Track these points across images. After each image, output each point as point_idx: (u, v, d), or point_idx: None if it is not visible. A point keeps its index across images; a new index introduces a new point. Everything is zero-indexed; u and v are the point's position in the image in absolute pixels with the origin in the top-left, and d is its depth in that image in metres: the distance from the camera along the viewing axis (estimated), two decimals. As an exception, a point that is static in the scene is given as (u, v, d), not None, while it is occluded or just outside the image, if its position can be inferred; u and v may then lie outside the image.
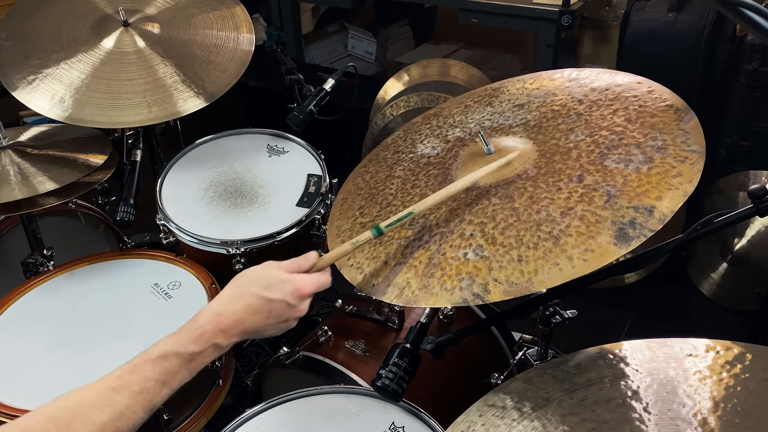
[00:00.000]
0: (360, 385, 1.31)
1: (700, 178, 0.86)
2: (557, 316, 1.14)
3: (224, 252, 1.51)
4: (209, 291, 1.43)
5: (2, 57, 1.63)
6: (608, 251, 0.81)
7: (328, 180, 1.65)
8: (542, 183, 0.93)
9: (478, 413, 0.82)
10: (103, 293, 1.45)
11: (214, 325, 0.93)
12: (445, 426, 0.88)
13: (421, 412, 1.12)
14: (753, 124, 2.25)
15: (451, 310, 1.49)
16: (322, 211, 1.58)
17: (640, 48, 2.27)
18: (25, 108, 1.56)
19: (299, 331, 1.59)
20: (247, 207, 1.60)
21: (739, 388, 0.77)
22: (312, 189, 1.63)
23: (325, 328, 1.46)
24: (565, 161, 0.95)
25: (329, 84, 1.80)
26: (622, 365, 0.84)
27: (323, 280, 1.00)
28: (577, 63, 2.77)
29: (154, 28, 1.75)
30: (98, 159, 1.53)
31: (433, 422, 1.10)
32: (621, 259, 0.87)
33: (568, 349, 1.00)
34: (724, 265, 2.30)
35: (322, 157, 1.71)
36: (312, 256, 1.02)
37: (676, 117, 0.95)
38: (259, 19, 3.58)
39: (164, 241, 1.58)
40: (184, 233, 1.54)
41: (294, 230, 1.54)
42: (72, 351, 1.31)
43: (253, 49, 1.75)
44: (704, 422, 0.74)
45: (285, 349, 1.42)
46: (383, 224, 0.98)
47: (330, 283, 1.01)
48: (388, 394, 1.03)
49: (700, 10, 2.19)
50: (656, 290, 2.40)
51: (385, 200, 1.10)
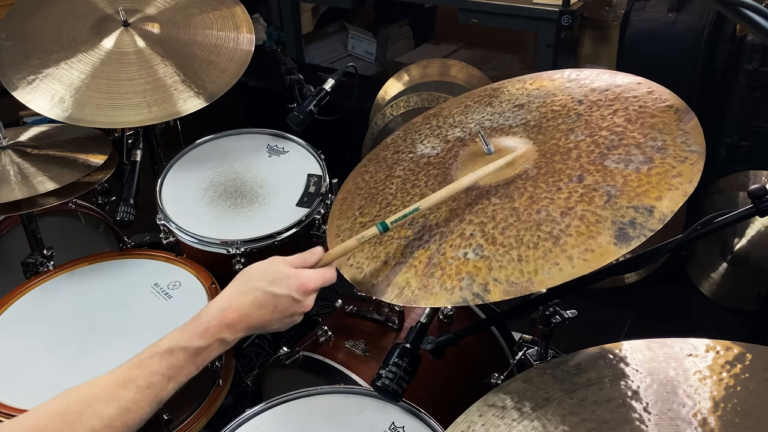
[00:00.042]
0: (360, 385, 1.31)
1: (700, 178, 0.86)
2: (557, 316, 1.14)
3: (224, 252, 1.51)
4: (209, 291, 1.43)
5: (2, 57, 1.63)
6: (608, 251, 0.82)
7: (328, 180, 1.65)
8: (542, 183, 0.93)
9: (478, 413, 0.82)
10: (103, 293, 1.45)
11: (220, 320, 0.93)
12: (445, 426, 0.88)
13: (421, 412, 1.11)
14: (753, 124, 2.25)
15: (451, 310, 1.48)
16: (322, 211, 1.58)
17: (640, 48, 2.27)
18: (25, 108, 1.56)
19: (299, 331, 1.59)
20: (247, 207, 1.60)
21: (739, 388, 0.77)
22: (312, 189, 1.63)
23: (325, 328, 1.46)
24: (565, 161, 0.95)
25: (329, 84, 1.80)
26: (622, 365, 0.84)
27: (329, 275, 1.01)
28: (577, 63, 2.77)
29: (154, 28, 1.75)
30: (98, 159, 1.53)
31: (433, 422, 1.10)
32: (621, 259, 0.87)
33: (568, 349, 1.00)
34: (724, 265, 2.30)
35: (322, 157, 1.71)
36: (318, 252, 1.02)
37: (676, 117, 0.95)
38: (259, 19, 3.57)
39: (164, 241, 1.58)
40: (184, 233, 1.54)
41: (294, 230, 1.54)
42: (72, 351, 1.31)
43: (253, 49, 1.75)
44: (704, 422, 0.74)
45: (285, 349, 1.42)
46: (389, 220, 0.98)
47: (335, 278, 1.01)
48: (388, 394, 1.03)
49: (700, 10, 2.19)
50: (656, 290, 2.40)
51: (385, 200, 1.10)
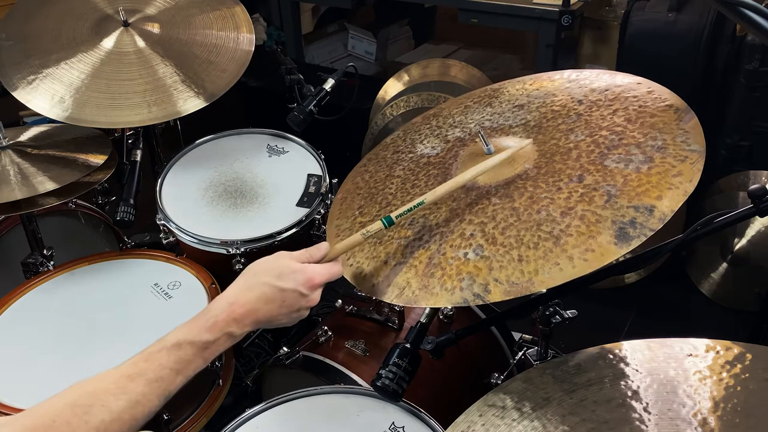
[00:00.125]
0: (360, 385, 1.31)
1: (700, 177, 0.86)
2: (557, 316, 1.13)
3: (224, 252, 1.51)
4: (209, 291, 1.43)
5: (2, 57, 1.63)
6: (608, 251, 0.81)
7: (328, 180, 1.65)
8: (542, 183, 0.93)
9: (478, 413, 0.82)
10: (103, 293, 1.45)
11: (227, 314, 0.93)
12: (445, 426, 0.88)
13: (421, 412, 1.11)
14: (753, 124, 2.25)
15: (451, 310, 1.48)
16: (322, 211, 1.58)
17: (640, 48, 2.27)
18: (25, 108, 1.56)
19: (299, 331, 1.59)
20: (247, 207, 1.60)
21: (739, 388, 0.77)
22: (312, 189, 1.63)
23: (325, 328, 1.45)
24: (565, 161, 0.95)
25: (329, 84, 1.80)
26: (622, 365, 0.84)
27: (335, 270, 1.01)
28: (577, 63, 2.77)
29: (154, 28, 1.75)
30: (98, 159, 1.53)
31: (433, 422, 1.10)
32: (621, 259, 0.87)
33: (568, 349, 1.00)
34: (724, 265, 2.30)
35: (322, 157, 1.71)
36: (323, 247, 1.03)
37: (676, 117, 0.95)
38: (259, 19, 3.57)
39: (164, 241, 1.58)
40: (184, 233, 1.54)
41: (294, 230, 1.54)
42: (72, 351, 1.31)
43: (253, 49, 1.75)
44: (704, 422, 0.74)
45: (285, 349, 1.42)
46: (394, 214, 0.98)
47: (341, 272, 1.02)
48: (388, 394, 1.03)
49: (700, 10, 2.18)
50: (656, 290, 2.39)
51: (385, 200, 1.10)
